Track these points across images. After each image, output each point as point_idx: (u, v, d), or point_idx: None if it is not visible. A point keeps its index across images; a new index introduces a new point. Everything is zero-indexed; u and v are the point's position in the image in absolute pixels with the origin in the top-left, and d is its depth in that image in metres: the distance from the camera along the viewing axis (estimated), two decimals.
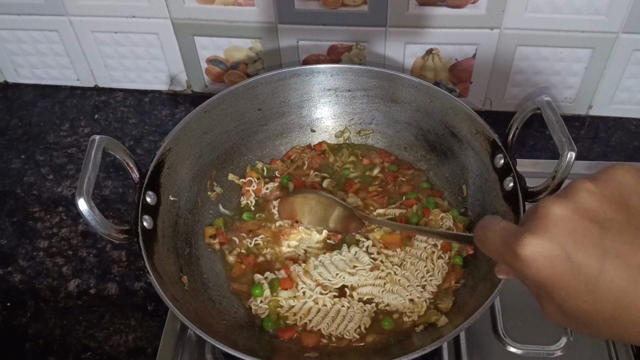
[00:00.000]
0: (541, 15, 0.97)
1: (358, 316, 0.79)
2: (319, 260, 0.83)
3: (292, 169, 0.96)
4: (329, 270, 0.82)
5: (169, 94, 1.21)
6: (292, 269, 0.83)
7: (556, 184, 0.72)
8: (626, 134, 1.10)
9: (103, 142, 0.72)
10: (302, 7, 1.01)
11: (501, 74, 1.08)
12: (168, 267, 0.77)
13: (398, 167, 0.96)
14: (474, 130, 0.85)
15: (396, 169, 0.96)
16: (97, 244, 0.97)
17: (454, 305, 0.79)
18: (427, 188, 0.93)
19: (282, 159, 0.99)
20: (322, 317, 0.79)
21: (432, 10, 0.99)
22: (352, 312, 0.79)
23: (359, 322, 0.78)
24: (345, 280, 0.81)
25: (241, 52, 1.11)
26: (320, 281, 0.81)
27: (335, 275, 0.81)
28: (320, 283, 0.81)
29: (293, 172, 0.96)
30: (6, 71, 1.23)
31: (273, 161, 0.98)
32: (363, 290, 0.81)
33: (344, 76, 0.94)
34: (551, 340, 0.81)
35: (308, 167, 0.96)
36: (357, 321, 0.78)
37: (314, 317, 0.79)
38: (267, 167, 0.97)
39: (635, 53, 1.01)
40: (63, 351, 0.85)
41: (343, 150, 0.98)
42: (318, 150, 0.99)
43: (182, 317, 0.68)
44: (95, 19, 1.09)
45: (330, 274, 0.82)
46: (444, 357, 0.79)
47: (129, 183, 1.05)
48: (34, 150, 1.12)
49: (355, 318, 0.79)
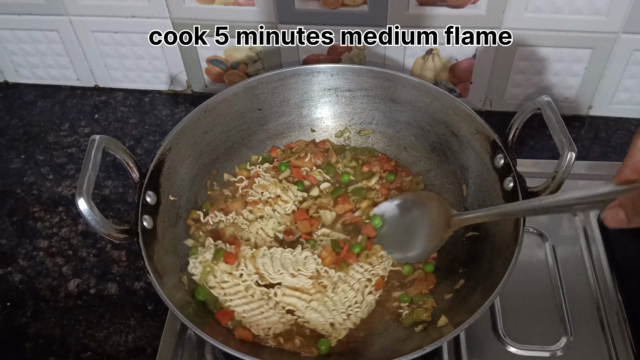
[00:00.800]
0: (541, 15, 0.97)
1: (274, 319, 0.78)
2: (270, 252, 0.83)
3: (293, 158, 0.96)
4: (274, 265, 0.81)
5: (169, 94, 1.21)
6: (242, 249, 0.82)
7: (556, 184, 0.72)
8: (626, 134, 1.10)
9: (103, 141, 0.72)
10: (302, 7, 1.01)
11: (501, 74, 1.08)
12: (168, 267, 0.77)
13: (396, 174, 0.95)
14: (474, 130, 0.85)
15: (394, 178, 0.94)
16: (97, 243, 0.97)
17: (454, 306, 0.78)
18: None
19: (283, 148, 0.99)
20: (243, 302, 0.78)
21: (432, 10, 0.99)
22: (271, 313, 0.78)
23: (271, 325, 0.77)
24: (283, 279, 0.80)
25: (241, 52, 1.11)
26: (260, 271, 0.81)
27: (277, 272, 0.81)
28: (260, 273, 0.81)
29: (294, 161, 0.96)
30: (6, 71, 1.23)
31: (273, 149, 0.98)
32: (288, 300, 0.79)
33: (344, 76, 0.94)
34: (551, 340, 0.81)
35: (310, 161, 0.96)
36: (270, 323, 0.77)
37: (238, 299, 0.78)
38: (263, 156, 0.97)
39: (635, 53, 1.01)
40: (63, 351, 0.85)
41: (346, 152, 0.98)
42: (322, 147, 0.99)
43: (182, 317, 0.68)
44: (96, 18, 1.09)
45: (272, 269, 0.81)
46: (444, 357, 0.79)
47: (129, 183, 1.05)
48: (34, 150, 1.12)
49: (271, 319, 0.77)
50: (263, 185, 0.91)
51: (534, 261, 0.89)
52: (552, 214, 0.74)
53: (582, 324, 0.82)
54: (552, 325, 0.82)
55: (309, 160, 0.96)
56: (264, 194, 0.91)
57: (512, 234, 0.74)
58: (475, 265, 0.82)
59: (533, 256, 0.90)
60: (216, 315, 0.78)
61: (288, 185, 0.92)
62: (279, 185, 0.91)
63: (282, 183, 0.92)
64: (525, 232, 0.73)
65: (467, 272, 0.82)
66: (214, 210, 0.88)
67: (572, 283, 0.86)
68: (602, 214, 0.54)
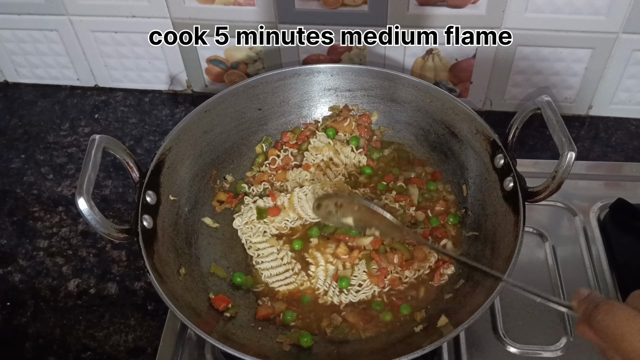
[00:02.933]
0: (541, 15, 0.97)
1: (292, 287, 0.83)
2: (303, 191, 0.90)
3: (330, 121, 0.96)
4: (309, 203, 0.88)
5: (169, 93, 1.21)
6: (278, 199, 0.89)
7: (556, 185, 0.72)
8: (626, 134, 1.10)
9: (103, 141, 0.72)
10: (302, 7, 1.01)
11: (501, 74, 1.08)
12: (168, 267, 0.77)
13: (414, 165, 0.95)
14: (474, 130, 0.85)
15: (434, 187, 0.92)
16: (97, 243, 0.97)
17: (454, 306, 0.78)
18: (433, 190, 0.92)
19: (302, 126, 0.99)
20: (272, 265, 0.85)
21: (432, 10, 0.99)
22: (293, 279, 0.84)
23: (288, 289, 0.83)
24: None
25: (241, 51, 1.11)
26: (299, 213, 0.88)
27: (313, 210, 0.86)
28: (300, 216, 0.88)
29: (330, 124, 0.96)
30: (6, 71, 1.23)
31: (283, 134, 0.98)
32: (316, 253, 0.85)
33: (344, 76, 0.94)
34: (551, 340, 0.81)
35: (349, 125, 0.95)
36: (289, 288, 0.83)
37: (269, 262, 0.85)
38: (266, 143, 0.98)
39: (635, 53, 1.01)
40: (63, 351, 0.85)
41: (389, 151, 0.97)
42: (364, 121, 0.97)
43: (182, 317, 0.68)
44: (96, 18, 1.09)
45: (309, 208, 0.88)
46: (444, 357, 0.79)
47: (129, 183, 1.05)
48: (34, 150, 1.12)
49: (290, 286, 0.83)
50: (317, 147, 0.94)
51: (534, 261, 0.89)
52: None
53: None
54: (552, 325, 0.82)
55: (348, 125, 0.96)
56: (317, 156, 0.94)
57: (512, 234, 0.74)
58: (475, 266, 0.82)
59: (533, 256, 0.90)
60: (212, 300, 0.79)
61: (341, 148, 0.94)
62: (332, 148, 0.93)
63: (335, 145, 0.94)
64: (525, 232, 0.73)
65: (467, 272, 0.82)
66: (257, 183, 0.94)
67: (572, 283, 0.86)
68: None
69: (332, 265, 0.84)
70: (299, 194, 0.89)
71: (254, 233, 0.88)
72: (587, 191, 0.98)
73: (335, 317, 0.80)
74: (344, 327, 0.79)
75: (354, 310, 0.81)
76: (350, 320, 0.80)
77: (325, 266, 0.84)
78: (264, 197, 0.92)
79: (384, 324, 0.80)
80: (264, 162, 0.96)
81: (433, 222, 0.88)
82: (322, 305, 0.82)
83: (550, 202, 0.93)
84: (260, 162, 0.96)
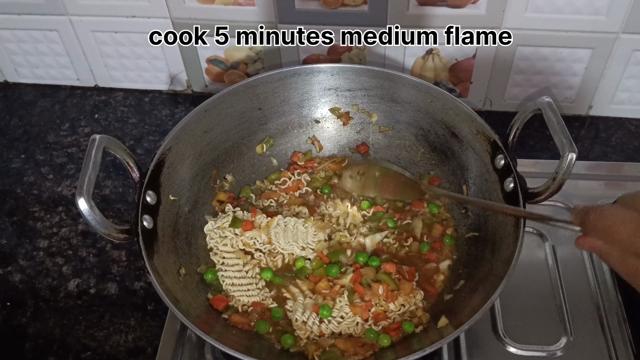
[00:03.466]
0: (541, 15, 0.97)
1: (255, 299, 0.81)
2: (284, 221, 0.88)
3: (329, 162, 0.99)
4: (285, 235, 0.86)
5: (169, 93, 1.21)
6: (257, 217, 0.88)
7: (557, 186, 0.72)
8: (626, 134, 1.10)
9: (103, 141, 0.72)
10: (302, 7, 1.01)
11: (501, 74, 1.08)
12: (168, 267, 0.77)
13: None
14: (475, 130, 0.85)
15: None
16: (97, 243, 0.97)
17: (454, 307, 0.78)
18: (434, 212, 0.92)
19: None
20: (236, 275, 0.83)
21: (432, 10, 0.99)
22: (255, 293, 0.82)
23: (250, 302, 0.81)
24: (293, 250, 0.86)
25: (241, 51, 1.11)
26: (272, 240, 0.86)
27: (287, 242, 0.86)
28: (271, 242, 0.86)
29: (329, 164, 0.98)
30: (6, 71, 1.23)
31: (295, 154, 0.99)
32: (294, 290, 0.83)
33: (344, 76, 0.94)
34: (551, 340, 0.81)
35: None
36: (250, 301, 0.81)
37: (232, 271, 0.83)
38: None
39: (635, 53, 1.01)
40: (63, 351, 0.85)
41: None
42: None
43: (182, 317, 0.68)
44: (96, 18, 1.09)
45: (283, 239, 0.86)
46: (444, 357, 0.79)
47: (129, 183, 1.05)
48: (34, 150, 1.12)
49: (252, 299, 0.81)
50: (336, 204, 0.93)
51: (534, 261, 0.89)
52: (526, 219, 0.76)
53: (582, 324, 0.82)
54: (552, 325, 0.82)
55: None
56: (329, 209, 0.93)
57: (513, 235, 0.74)
58: (475, 266, 0.82)
59: (533, 256, 0.90)
60: (211, 300, 0.79)
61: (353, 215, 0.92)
62: (345, 211, 0.92)
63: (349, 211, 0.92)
64: (526, 233, 0.72)
65: (467, 272, 0.83)
66: (265, 198, 0.94)
67: (572, 283, 0.86)
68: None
69: (311, 299, 0.81)
70: (279, 221, 0.87)
71: (221, 240, 0.86)
72: (587, 191, 0.98)
73: (323, 341, 0.76)
74: (335, 351, 0.75)
75: (342, 338, 0.77)
76: (341, 347, 0.75)
77: (304, 301, 0.81)
78: (244, 210, 0.90)
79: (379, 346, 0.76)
80: (275, 181, 0.96)
81: (423, 248, 0.86)
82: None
83: (550, 202, 0.93)
84: (274, 178, 0.97)
